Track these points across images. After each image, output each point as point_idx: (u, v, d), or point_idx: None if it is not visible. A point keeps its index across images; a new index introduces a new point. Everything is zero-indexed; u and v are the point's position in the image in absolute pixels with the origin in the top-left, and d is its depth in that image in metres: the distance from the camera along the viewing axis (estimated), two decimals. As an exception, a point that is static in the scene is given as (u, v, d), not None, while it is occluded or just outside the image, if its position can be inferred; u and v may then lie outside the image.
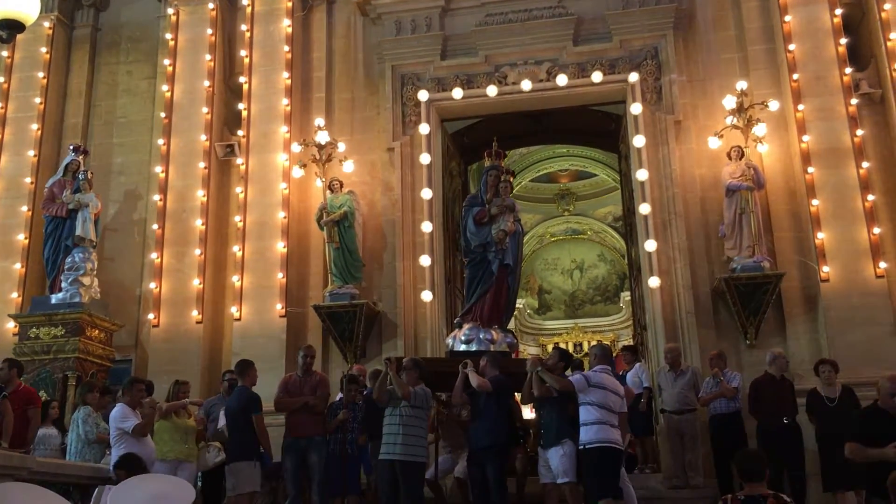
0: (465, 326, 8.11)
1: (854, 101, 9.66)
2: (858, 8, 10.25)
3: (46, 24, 11.72)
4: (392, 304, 10.25)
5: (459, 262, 11.37)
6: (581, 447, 6.62)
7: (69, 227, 10.35)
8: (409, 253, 10.33)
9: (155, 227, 10.82)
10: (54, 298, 10.18)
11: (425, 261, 10.20)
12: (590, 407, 6.65)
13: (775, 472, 7.93)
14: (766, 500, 4.39)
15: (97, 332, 10.26)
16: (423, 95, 10.79)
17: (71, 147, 11.08)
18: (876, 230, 9.25)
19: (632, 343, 12.22)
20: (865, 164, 9.45)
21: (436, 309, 10.22)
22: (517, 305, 19.96)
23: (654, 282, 9.71)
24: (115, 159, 11.64)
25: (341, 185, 10.37)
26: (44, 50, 11.81)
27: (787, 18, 9.92)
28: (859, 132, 9.56)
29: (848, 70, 9.75)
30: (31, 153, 11.47)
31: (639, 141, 10.17)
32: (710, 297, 9.67)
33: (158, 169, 11.02)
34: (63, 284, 10.17)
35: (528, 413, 9.36)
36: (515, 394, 7.79)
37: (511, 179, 8.88)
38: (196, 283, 10.45)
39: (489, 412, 6.92)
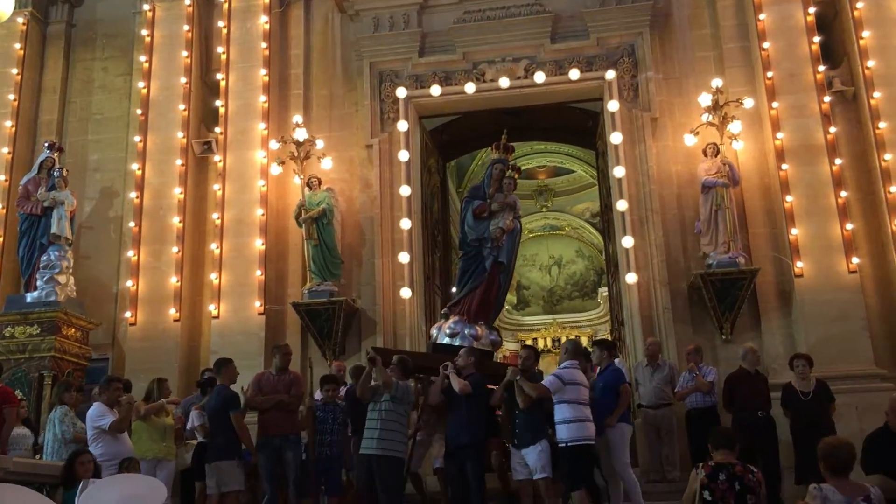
0: (452, 319, 8.09)
1: (827, 98, 9.79)
2: (831, 6, 10.38)
3: (20, 19, 11.58)
4: (371, 301, 10.26)
5: (439, 259, 11.40)
6: (563, 444, 6.70)
7: (44, 224, 10.23)
8: (388, 250, 10.34)
9: (132, 224, 10.75)
10: (29, 297, 10.07)
11: (404, 258, 10.21)
12: (566, 405, 6.74)
13: (752, 462, 8.05)
14: (734, 467, 5.00)
15: (73, 330, 10.17)
16: (401, 92, 10.80)
17: (46, 144, 10.96)
18: (849, 226, 9.38)
19: (608, 338, 12.29)
20: (838, 161, 9.58)
21: (415, 306, 10.24)
22: (496, 301, 20.13)
23: (631, 278, 9.79)
24: (91, 156, 11.55)
25: (319, 182, 10.36)
26: (18, 46, 11.68)
27: (762, 17, 10.03)
28: (832, 129, 9.70)
29: (821, 68, 9.88)
30: (6, 150, 11.34)
31: (616, 138, 10.24)
32: (687, 292, 9.77)
33: (135, 166, 10.95)
34: (38, 283, 10.06)
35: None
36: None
37: (516, 176, 8.80)
38: (173, 280, 10.40)
39: (467, 410, 6.94)
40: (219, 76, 11.16)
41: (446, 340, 7.94)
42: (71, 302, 10.19)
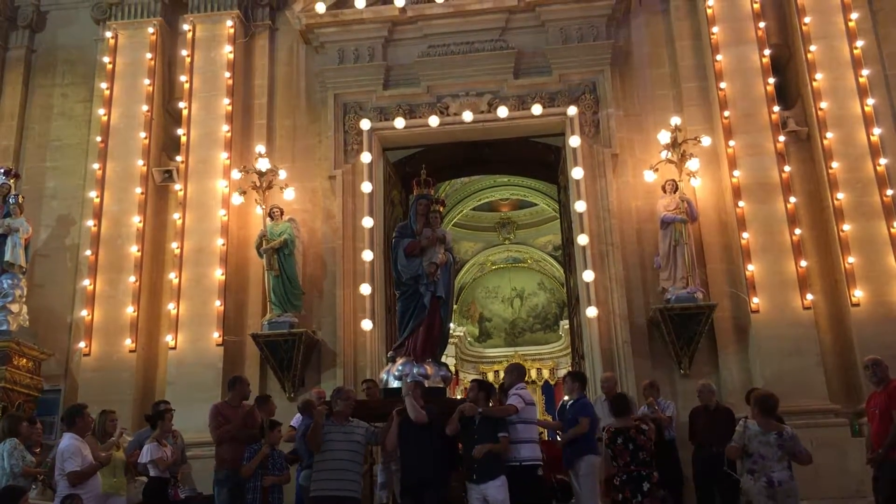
0: (399, 361, 8.03)
1: (782, 138, 10.02)
2: (786, 49, 10.68)
3: (-22, 45, 11.46)
4: (332, 332, 10.19)
5: (400, 292, 11.32)
6: (517, 464, 6.93)
7: (-2, 252, 10.03)
8: (350, 281, 10.30)
9: (88, 252, 10.56)
10: (-20, 326, 9.82)
11: (366, 289, 10.17)
12: (527, 425, 7.10)
13: (709, 494, 8.14)
14: (630, 430, 6.82)
15: (25, 360, 9.93)
16: (365, 124, 10.83)
17: (2, 170, 10.70)
18: (803, 263, 9.56)
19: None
20: (793, 199, 9.79)
21: (375, 338, 10.18)
22: (458, 333, 20.11)
23: (591, 311, 9.86)
24: (48, 183, 11.35)
25: (282, 213, 10.31)
26: (-25, 71, 11.53)
27: (719, 58, 10.28)
28: (787, 168, 9.92)
29: (776, 108, 10.13)
30: (-40, 176, 11.11)
31: (577, 173, 10.36)
32: (646, 327, 9.87)
33: (93, 194, 10.80)
34: (-10, 311, 9.83)
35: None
36: None
37: (441, 209, 8.85)
38: (130, 310, 10.22)
39: (424, 444, 6.87)
40: (181, 104, 11.09)
41: (396, 384, 7.86)
42: (23, 331, 9.96)
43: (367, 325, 10.05)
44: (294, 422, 8.50)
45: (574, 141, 10.48)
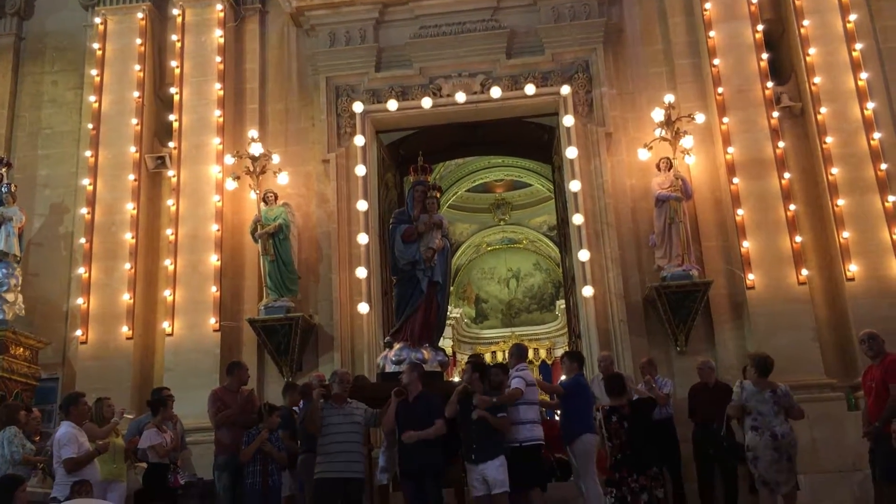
0: (396, 346, 8.02)
1: (776, 114, 10.01)
2: (779, 24, 10.63)
3: (-34, 32, 11.36)
4: (328, 316, 10.19)
5: (396, 274, 11.33)
6: (517, 444, 6.94)
7: (-9, 241, 9.99)
8: (346, 265, 10.29)
9: (83, 241, 10.53)
10: (-25, 316, 9.80)
11: (361, 273, 10.17)
12: (528, 406, 7.12)
13: (709, 472, 8.20)
14: (623, 408, 7.31)
15: (21, 349, 9.90)
16: (357, 107, 10.78)
17: (-7, 159, 10.71)
18: (798, 239, 9.58)
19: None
20: (787, 175, 9.80)
21: (372, 321, 10.19)
22: (455, 315, 20.14)
23: (587, 291, 9.87)
24: (41, 171, 11.28)
25: (276, 197, 10.28)
26: (-36, 59, 11.43)
27: (712, 34, 10.24)
28: (781, 144, 9.91)
29: (769, 84, 10.10)
30: (-49, 166, 11.04)
31: (571, 152, 10.34)
32: (642, 305, 9.89)
33: (86, 181, 10.74)
34: (-15, 301, 9.80)
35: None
36: None
37: (437, 195, 8.87)
38: (126, 297, 10.21)
39: (424, 428, 6.87)
40: (172, 90, 11.02)
41: (393, 368, 7.85)
42: (19, 320, 9.93)
43: (363, 308, 10.05)
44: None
45: (567, 120, 10.45)
